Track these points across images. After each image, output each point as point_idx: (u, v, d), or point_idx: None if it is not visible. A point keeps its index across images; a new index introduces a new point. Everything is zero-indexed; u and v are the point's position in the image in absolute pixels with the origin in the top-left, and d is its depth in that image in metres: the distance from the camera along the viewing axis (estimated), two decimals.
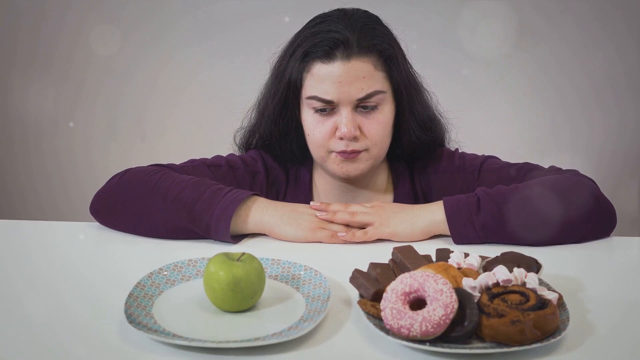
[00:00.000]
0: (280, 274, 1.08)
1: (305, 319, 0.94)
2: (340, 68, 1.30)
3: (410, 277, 0.91)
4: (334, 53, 1.31)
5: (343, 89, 1.30)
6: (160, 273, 1.06)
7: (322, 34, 1.32)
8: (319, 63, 1.32)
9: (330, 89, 1.30)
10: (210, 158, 1.45)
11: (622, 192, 2.58)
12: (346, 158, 1.34)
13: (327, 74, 1.31)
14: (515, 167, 1.39)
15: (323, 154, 1.37)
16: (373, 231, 1.26)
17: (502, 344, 0.87)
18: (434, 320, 0.86)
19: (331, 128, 1.34)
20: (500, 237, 1.23)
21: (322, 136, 1.35)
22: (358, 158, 1.35)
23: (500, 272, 0.94)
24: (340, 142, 1.34)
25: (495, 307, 0.89)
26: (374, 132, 1.34)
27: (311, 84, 1.33)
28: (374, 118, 1.34)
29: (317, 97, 1.32)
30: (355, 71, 1.30)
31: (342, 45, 1.30)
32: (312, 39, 1.33)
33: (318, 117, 1.34)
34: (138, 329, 0.90)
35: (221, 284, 0.95)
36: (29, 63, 2.73)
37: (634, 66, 2.55)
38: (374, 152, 1.36)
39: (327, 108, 1.33)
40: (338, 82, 1.30)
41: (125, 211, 1.29)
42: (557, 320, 0.89)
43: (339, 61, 1.30)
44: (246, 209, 1.26)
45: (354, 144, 1.33)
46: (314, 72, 1.32)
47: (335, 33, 1.31)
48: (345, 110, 1.32)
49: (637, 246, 1.27)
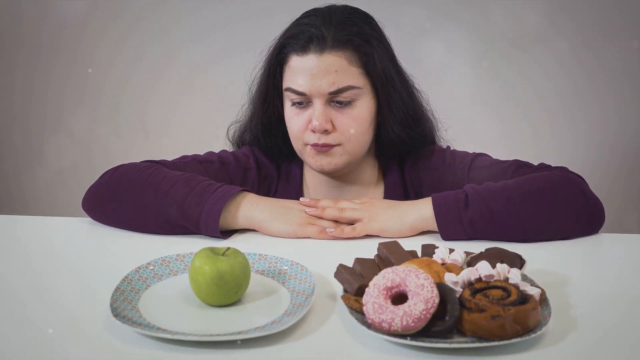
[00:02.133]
0: (267, 269, 1.09)
1: (289, 313, 0.95)
2: (313, 60, 1.32)
3: (393, 272, 0.92)
4: (308, 46, 1.33)
5: (314, 81, 1.32)
6: (148, 267, 1.07)
7: (300, 27, 1.35)
8: (294, 55, 1.34)
9: (303, 81, 1.33)
10: (203, 154, 1.46)
11: (622, 190, 2.58)
12: (318, 151, 1.36)
13: (300, 67, 1.33)
14: (505, 165, 1.40)
15: (300, 147, 1.39)
16: (362, 227, 1.27)
17: (483, 338, 0.88)
18: (415, 314, 0.87)
19: (306, 120, 1.36)
20: (488, 233, 1.23)
21: (297, 128, 1.37)
22: (331, 152, 1.36)
23: (483, 268, 0.94)
24: (313, 135, 1.36)
25: (476, 302, 0.89)
26: (345, 127, 1.35)
27: (288, 76, 1.36)
28: (347, 113, 1.35)
29: (291, 89, 1.35)
30: (327, 65, 1.32)
31: (316, 39, 1.32)
32: (291, 33, 1.36)
33: (295, 109, 1.37)
34: (122, 322, 0.91)
35: (206, 278, 0.96)
36: (32, 58, 2.74)
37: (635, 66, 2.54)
38: (349, 147, 1.37)
39: (302, 101, 1.35)
40: (310, 74, 1.32)
41: (116, 206, 1.30)
42: (538, 315, 0.90)
43: (312, 54, 1.32)
44: (236, 205, 1.27)
45: (325, 137, 1.35)
46: (291, 64, 1.35)
47: (313, 27, 1.33)
48: (317, 103, 1.33)
49: (624, 242, 1.28)
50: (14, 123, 2.82)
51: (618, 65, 2.53)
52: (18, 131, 2.83)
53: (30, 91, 2.77)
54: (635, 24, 2.51)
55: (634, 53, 2.53)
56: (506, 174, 1.36)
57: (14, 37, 2.73)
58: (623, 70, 2.53)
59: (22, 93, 2.78)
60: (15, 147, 2.84)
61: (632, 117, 2.59)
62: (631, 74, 2.54)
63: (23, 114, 2.80)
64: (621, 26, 2.50)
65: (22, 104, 2.79)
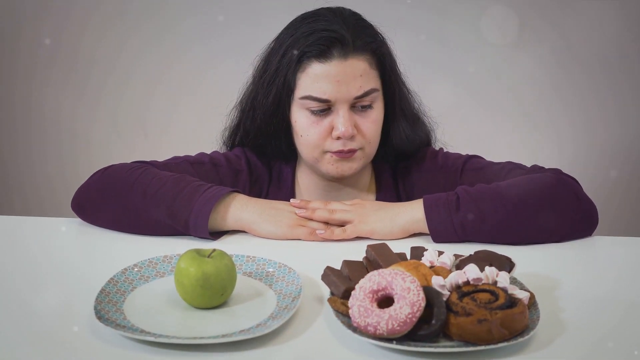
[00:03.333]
0: (255, 271, 1.08)
1: (274, 316, 0.94)
2: (338, 67, 1.29)
3: (379, 275, 0.91)
4: (330, 52, 1.30)
5: (340, 87, 1.29)
6: (134, 269, 1.06)
7: (316, 33, 1.31)
8: (315, 62, 1.30)
9: (327, 88, 1.30)
10: (194, 155, 1.45)
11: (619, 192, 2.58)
12: (342, 157, 1.34)
13: (323, 73, 1.30)
14: (498, 167, 1.39)
15: (317, 155, 1.36)
16: (352, 229, 1.25)
17: (470, 342, 0.87)
18: (400, 318, 0.86)
19: (327, 128, 1.33)
20: (479, 236, 1.22)
21: (317, 137, 1.33)
22: (353, 157, 1.35)
23: (471, 271, 0.93)
24: (337, 142, 1.33)
25: (463, 306, 0.88)
26: (368, 131, 1.34)
27: (306, 84, 1.31)
28: (368, 117, 1.34)
29: (312, 97, 1.31)
30: (352, 70, 1.30)
31: (339, 44, 1.30)
32: (306, 39, 1.31)
33: (313, 117, 1.33)
34: (106, 324, 0.90)
35: (191, 280, 0.95)
36: (32, 60, 2.73)
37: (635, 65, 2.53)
38: (368, 150, 1.36)
39: (323, 108, 1.32)
40: (336, 80, 1.29)
41: (105, 207, 1.29)
42: (525, 319, 0.89)
43: (336, 60, 1.29)
44: (225, 206, 1.26)
45: (350, 143, 1.33)
46: (309, 71, 1.31)
47: (330, 32, 1.30)
48: (342, 109, 1.31)
49: (617, 245, 1.27)
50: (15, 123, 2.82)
51: (618, 66, 2.51)
52: (15, 131, 2.82)
53: (30, 92, 2.76)
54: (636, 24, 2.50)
55: (634, 54, 2.52)
56: (499, 175, 1.35)
57: (14, 36, 2.72)
58: (623, 71, 2.52)
59: (22, 93, 2.77)
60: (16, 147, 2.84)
61: (631, 119, 2.58)
62: (631, 75, 2.53)
63: (23, 114, 2.80)
64: (621, 26, 2.48)
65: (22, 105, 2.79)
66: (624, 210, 2.52)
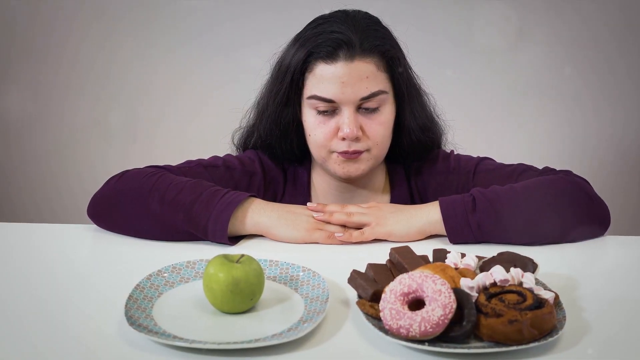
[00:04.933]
0: (279, 275, 1.09)
1: (304, 320, 0.95)
2: (344, 68, 1.31)
3: (409, 278, 0.92)
4: (337, 53, 1.31)
5: (346, 89, 1.31)
6: (159, 275, 1.07)
7: (324, 35, 1.33)
8: (321, 63, 1.32)
9: (333, 89, 1.31)
10: (207, 159, 1.45)
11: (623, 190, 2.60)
12: (348, 158, 1.35)
13: (329, 74, 1.31)
14: (510, 168, 1.40)
15: (324, 155, 1.37)
16: (369, 231, 1.27)
17: (500, 343, 0.88)
18: (433, 320, 0.87)
19: (333, 129, 1.34)
20: (495, 236, 1.24)
21: (324, 137, 1.35)
22: (359, 158, 1.36)
23: (497, 272, 0.95)
24: (342, 143, 1.34)
25: (492, 307, 0.90)
26: (375, 133, 1.35)
27: (313, 84, 1.34)
28: (375, 119, 1.35)
29: (318, 97, 1.33)
30: (358, 72, 1.31)
31: (345, 46, 1.31)
32: (315, 40, 1.33)
33: (320, 117, 1.35)
34: (139, 331, 0.90)
35: (220, 286, 0.96)
36: (22, 65, 2.72)
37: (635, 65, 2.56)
38: (375, 152, 1.37)
39: (329, 109, 1.33)
40: (341, 82, 1.31)
41: (123, 213, 1.29)
42: (554, 319, 0.90)
43: (342, 61, 1.31)
44: (243, 211, 1.27)
45: (355, 145, 1.34)
46: (317, 72, 1.33)
47: (338, 34, 1.32)
48: (347, 110, 1.32)
49: (631, 245, 1.29)
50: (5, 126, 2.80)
51: (623, 66, 2.54)
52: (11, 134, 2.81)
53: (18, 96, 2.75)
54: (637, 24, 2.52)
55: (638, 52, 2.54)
56: (511, 177, 1.37)
57: (3, 40, 2.71)
58: (628, 71, 2.55)
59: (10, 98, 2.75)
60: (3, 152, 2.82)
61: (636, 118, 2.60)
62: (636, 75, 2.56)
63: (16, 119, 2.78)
64: (622, 24, 2.50)
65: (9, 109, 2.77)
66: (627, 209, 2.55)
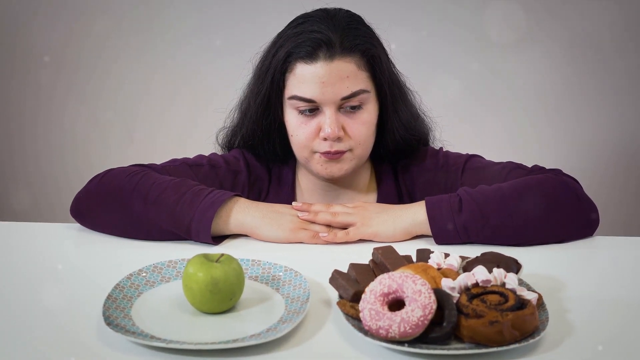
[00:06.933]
0: (261, 275, 1.08)
1: (284, 320, 0.94)
2: (324, 68, 1.30)
3: (389, 278, 0.91)
4: (316, 53, 1.30)
5: (326, 89, 1.30)
6: (140, 274, 1.06)
7: (304, 34, 1.31)
8: (301, 63, 1.31)
9: (313, 89, 1.30)
10: (192, 157, 1.44)
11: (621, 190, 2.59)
12: (330, 159, 1.34)
13: (309, 75, 1.30)
14: (499, 166, 1.39)
15: (307, 155, 1.36)
16: (355, 231, 1.25)
17: (481, 344, 0.87)
18: (412, 321, 0.86)
19: (315, 129, 1.33)
20: (481, 237, 1.23)
21: (305, 137, 1.34)
22: (342, 158, 1.35)
23: (480, 273, 0.94)
24: (324, 143, 1.33)
25: (474, 308, 0.89)
26: (357, 133, 1.34)
27: (293, 84, 1.32)
28: (357, 118, 1.33)
29: (299, 97, 1.31)
30: (338, 71, 1.30)
31: (324, 46, 1.30)
32: (295, 39, 1.32)
33: (301, 117, 1.34)
34: (116, 330, 0.89)
35: (200, 285, 0.95)
36: (21, 64, 2.71)
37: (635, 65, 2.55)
38: (358, 152, 1.36)
39: (310, 108, 1.32)
40: (321, 82, 1.30)
41: (105, 213, 1.28)
42: (536, 320, 0.89)
43: (322, 61, 1.30)
44: (227, 210, 1.25)
45: (337, 145, 1.33)
46: (297, 72, 1.32)
47: (317, 33, 1.31)
48: (328, 110, 1.31)
49: (620, 246, 1.27)
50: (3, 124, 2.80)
51: (618, 66, 2.53)
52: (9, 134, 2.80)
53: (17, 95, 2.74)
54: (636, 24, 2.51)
55: (634, 53, 2.53)
56: (500, 175, 1.35)
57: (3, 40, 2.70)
58: (624, 70, 2.54)
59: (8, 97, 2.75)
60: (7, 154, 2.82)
61: (631, 119, 2.59)
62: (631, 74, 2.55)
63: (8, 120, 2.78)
64: (621, 26, 2.50)
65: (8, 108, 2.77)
66: (620, 209, 2.54)
